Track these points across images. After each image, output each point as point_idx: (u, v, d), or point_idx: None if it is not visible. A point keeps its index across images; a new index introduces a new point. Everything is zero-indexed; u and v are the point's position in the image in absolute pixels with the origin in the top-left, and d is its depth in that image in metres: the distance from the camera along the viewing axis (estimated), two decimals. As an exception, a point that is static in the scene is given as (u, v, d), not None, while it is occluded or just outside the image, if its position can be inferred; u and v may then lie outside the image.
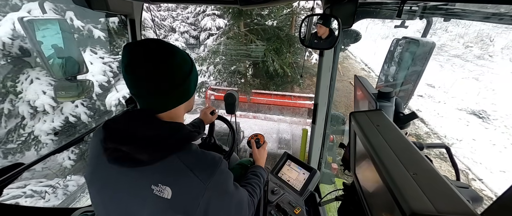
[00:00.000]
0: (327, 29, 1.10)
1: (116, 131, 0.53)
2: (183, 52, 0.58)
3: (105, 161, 0.52)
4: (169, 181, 0.52)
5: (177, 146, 0.54)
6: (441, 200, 0.33)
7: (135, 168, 0.51)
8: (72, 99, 1.37)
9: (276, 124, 5.11)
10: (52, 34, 1.18)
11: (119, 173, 0.54)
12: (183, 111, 0.64)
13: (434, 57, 9.46)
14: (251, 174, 0.92)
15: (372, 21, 14.11)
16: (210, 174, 0.55)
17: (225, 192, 0.59)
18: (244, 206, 0.68)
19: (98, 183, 0.57)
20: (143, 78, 0.52)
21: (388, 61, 1.27)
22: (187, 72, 0.57)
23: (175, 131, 0.55)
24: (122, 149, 0.50)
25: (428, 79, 8.40)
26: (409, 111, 0.73)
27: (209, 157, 0.58)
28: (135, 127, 0.53)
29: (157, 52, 0.52)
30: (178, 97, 0.59)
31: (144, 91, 0.54)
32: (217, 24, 9.92)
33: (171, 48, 0.54)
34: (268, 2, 0.98)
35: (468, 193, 0.48)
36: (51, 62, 1.18)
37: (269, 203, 1.17)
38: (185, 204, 0.52)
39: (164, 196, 0.51)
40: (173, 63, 0.54)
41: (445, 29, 12.15)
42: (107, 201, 0.56)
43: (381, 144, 0.47)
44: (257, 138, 1.17)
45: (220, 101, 5.79)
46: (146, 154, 0.50)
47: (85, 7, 1.09)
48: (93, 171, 0.58)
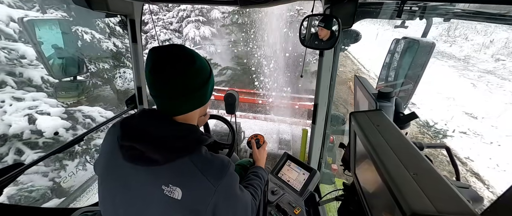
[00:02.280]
0: (328, 31, 1.10)
1: (132, 129, 0.55)
2: (203, 59, 0.60)
3: (120, 158, 0.54)
4: (180, 182, 0.53)
5: (189, 148, 0.55)
6: (441, 200, 0.33)
7: (148, 168, 0.53)
8: (72, 99, 1.37)
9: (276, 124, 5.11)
10: (52, 34, 1.18)
11: (131, 170, 0.55)
12: (198, 115, 0.66)
13: (462, 73, 8.72)
14: (252, 175, 0.92)
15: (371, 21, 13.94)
16: (220, 177, 0.56)
17: (233, 195, 0.61)
18: (248, 208, 0.69)
19: (110, 179, 0.59)
20: (166, 82, 0.54)
21: (388, 61, 1.27)
22: (206, 78, 0.60)
23: (189, 133, 0.57)
24: (137, 147, 0.52)
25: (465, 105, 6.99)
26: (409, 110, 0.73)
27: (218, 160, 0.59)
28: (151, 126, 0.55)
29: (180, 57, 0.54)
30: (196, 102, 0.61)
31: (165, 94, 0.56)
32: (202, 33, 8.71)
33: (193, 54, 0.57)
34: (268, 2, 0.98)
35: (468, 193, 0.48)
36: (51, 62, 1.18)
37: (269, 203, 1.17)
38: (195, 205, 0.53)
39: (174, 196, 0.52)
40: (194, 69, 0.56)
41: (465, 37, 11.19)
42: (116, 198, 0.57)
43: (381, 144, 0.47)
44: (257, 138, 1.17)
45: (220, 101, 5.80)
46: (159, 154, 0.52)
47: (85, 7, 1.09)
48: (106, 166, 0.60)
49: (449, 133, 5.98)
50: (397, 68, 1.23)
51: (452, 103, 7.36)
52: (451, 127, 6.21)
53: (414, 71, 1.10)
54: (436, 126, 6.20)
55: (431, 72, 8.30)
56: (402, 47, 1.19)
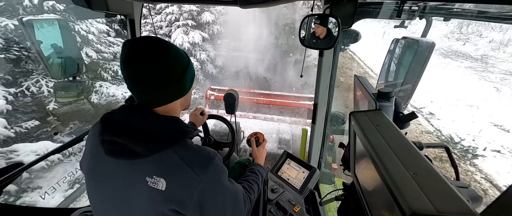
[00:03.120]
0: (324, 29, 1.10)
1: (113, 124, 0.55)
2: (179, 50, 0.60)
3: (102, 153, 0.54)
4: (164, 173, 0.53)
5: (173, 139, 0.55)
6: (441, 200, 0.33)
7: (131, 160, 0.53)
8: (72, 99, 1.37)
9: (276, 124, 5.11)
10: (52, 34, 1.18)
11: (115, 165, 0.55)
12: (179, 107, 0.66)
13: (482, 75, 7.55)
14: (249, 172, 0.92)
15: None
16: (205, 167, 0.56)
17: (219, 186, 0.60)
18: (239, 200, 0.68)
19: (95, 175, 0.59)
20: (140, 73, 0.53)
21: (388, 61, 1.27)
22: (183, 68, 0.59)
23: (170, 125, 0.57)
24: (118, 141, 0.52)
25: (492, 115, 5.84)
26: (408, 111, 0.73)
27: (204, 151, 0.59)
28: (131, 119, 0.55)
29: (154, 48, 0.54)
30: (174, 93, 0.60)
31: (141, 86, 0.55)
32: (191, 39, 8.06)
33: (167, 45, 0.56)
34: (268, 2, 0.98)
35: (468, 193, 0.48)
36: (50, 62, 1.18)
37: (269, 201, 1.17)
38: (179, 196, 0.53)
39: (158, 187, 0.52)
40: (169, 59, 0.55)
41: (479, 34, 10.03)
42: (103, 193, 0.57)
43: (381, 143, 0.47)
44: (256, 136, 1.17)
45: (220, 101, 5.79)
46: (142, 147, 0.52)
47: (85, 7, 1.09)
48: (90, 162, 0.60)
49: (480, 151, 4.84)
50: (397, 68, 1.23)
51: (476, 113, 6.10)
52: (480, 144, 5.03)
53: (414, 71, 1.10)
54: (462, 143, 5.12)
55: (447, 74, 7.93)
56: (402, 47, 1.19)
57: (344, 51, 6.63)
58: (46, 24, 1.17)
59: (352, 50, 11.78)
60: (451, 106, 6.47)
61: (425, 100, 6.85)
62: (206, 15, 8.40)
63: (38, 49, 1.11)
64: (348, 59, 11.32)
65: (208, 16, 8.39)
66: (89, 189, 0.61)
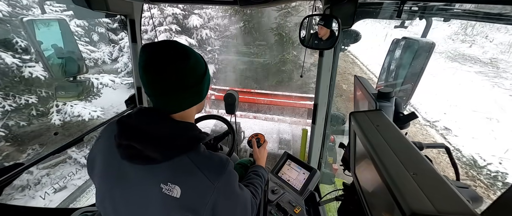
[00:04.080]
0: (328, 30, 1.10)
1: (129, 128, 0.54)
2: (198, 55, 0.59)
3: (117, 157, 0.54)
4: (179, 180, 0.53)
5: (188, 145, 0.55)
6: (441, 200, 0.33)
7: (146, 166, 0.53)
8: (72, 100, 1.37)
9: (277, 124, 5.11)
10: (52, 34, 1.18)
11: (129, 169, 0.54)
12: (195, 112, 0.65)
13: (495, 82, 6.86)
14: (252, 174, 0.92)
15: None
16: (219, 174, 0.56)
17: (232, 192, 0.60)
18: (248, 207, 0.68)
19: (108, 178, 0.58)
20: (159, 79, 0.53)
21: (388, 61, 1.27)
22: (201, 74, 0.58)
23: (187, 130, 0.57)
24: (135, 145, 0.51)
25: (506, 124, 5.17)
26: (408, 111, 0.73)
27: (217, 158, 0.59)
28: (148, 124, 0.54)
29: (173, 53, 0.53)
30: (192, 99, 0.60)
31: (159, 91, 0.54)
32: None
33: (187, 50, 0.56)
34: (268, 2, 0.98)
35: (468, 193, 0.48)
36: (51, 62, 1.18)
37: (269, 202, 1.17)
38: (194, 203, 0.53)
39: (173, 194, 0.52)
40: (188, 65, 0.54)
41: (485, 35, 9.35)
42: (116, 196, 0.57)
43: (381, 144, 0.47)
44: (257, 137, 1.17)
45: (220, 101, 5.79)
46: (158, 153, 0.52)
47: (85, 7, 1.09)
48: (103, 165, 0.59)
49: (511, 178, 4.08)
50: (397, 68, 1.23)
51: (497, 127, 5.32)
52: (509, 167, 4.24)
53: (414, 72, 1.10)
54: (489, 167, 4.30)
55: (457, 81, 7.32)
56: (402, 47, 1.19)
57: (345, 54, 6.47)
58: (46, 24, 1.17)
59: (353, 54, 11.39)
60: (467, 119, 5.70)
61: (437, 112, 6.17)
62: (193, 19, 7.64)
63: (38, 49, 1.11)
64: (350, 63, 10.81)
65: (196, 20, 7.64)
66: (100, 191, 0.60)
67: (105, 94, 6.80)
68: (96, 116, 5.22)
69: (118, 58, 8.05)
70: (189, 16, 7.79)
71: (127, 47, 7.79)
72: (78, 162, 5.17)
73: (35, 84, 4.74)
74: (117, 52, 8.08)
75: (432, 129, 5.63)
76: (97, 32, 8.71)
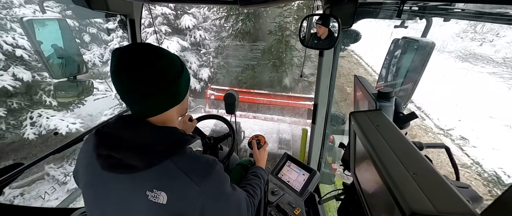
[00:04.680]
0: (326, 29, 1.10)
1: (108, 137, 0.53)
2: (172, 55, 0.58)
3: (98, 168, 0.52)
4: (164, 186, 0.51)
5: (170, 150, 0.53)
6: (441, 200, 0.33)
7: (129, 174, 0.51)
8: (71, 100, 1.37)
9: (276, 124, 5.11)
10: (52, 34, 1.18)
11: (112, 179, 0.53)
12: (176, 114, 0.63)
13: (511, 83, 6.34)
14: (251, 175, 0.92)
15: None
16: (205, 177, 0.55)
17: (221, 194, 0.59)
18: (242, 207, 0.67)
19: (93, 190, 0.57)
20: (130, 82, 0.51)
21: (388, 61, 1.27)
22: (176, 75, 0.56)
23: (168, 136, 0.55)
24: (115, 155, 0.50)
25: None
26: (409, 110, 0.73)
27: (203, 160, 0.57)
28: (127, 132, 0.53)
29: (143, 55, 0.52)
30: (168, 100, 0.58)
31: (131, 95, 0.53)
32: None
33: (158, 51, 0.54)
34: (268, 2, 0.98)
35: (468, 193, 0.48)
36: (51, 62, 1.18)
37: (269, 203, 1.17)
38: (181, 208, 0.52)
39: (159, 201, 0.50)
40: (160, 66, 0.53)
41: (496, 33, 8.74)
42: (103, 207, 0.56)
43: (381, 144, 0.46)
44: (257, 138, 1.17)
45: (220, 101, 5.79)
46: (140, 160, 0.50)
47: (85, 7, 1.09)
48: (87, 177, 0.58)
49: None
50: (397, 68, 1.23)
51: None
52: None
53: (414, 71, 1.10)
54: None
55: (469, 82, 6.79)
56: (402, 47, 1.19)
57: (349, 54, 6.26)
58: (47, 24, 1.17)
59: (357, 54, 11.16)
60: (484, 126, 5.14)
61: (451, 118, 5.66)
62: (186, 19, 7.14)
63: (38, 49, 1.11)
64: (354, 64, 10.45)
65: (189, 21, 7.14)
66: (87, 202, 0.59)
67: (89, 103, 6.46)
68: (74, 129, 4.69)
69: (109, 60, 7.73)
70: (182, 16, 7.30)
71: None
72: (56, 180, 4.69)
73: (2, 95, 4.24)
74: (108, 54, 7.72)
75: (446, 138, 5.15)
76: (88, 33, 8.44)
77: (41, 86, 4.86)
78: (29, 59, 4.65)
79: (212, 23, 8.23)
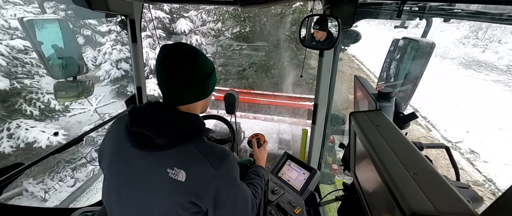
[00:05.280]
0: (324, 33, 1.10)
1: (141, 117, 0.60)
2: (207, 58, 0.67)
3: (127, 144, 0.59)
4: (184, 165, 0.57)
5: (193, 135, 0.60)
6: (441, 200, 0.33)
7: (153, 153, 0.57)
8: (72, 100, 1.37)
9: (276, 124, 5.11)
10: (52, 34, 1.18)
11: (138, 155, 0.59)
12: (199, 108, 0.71)
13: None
14: (252, 174, 0.92)
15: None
16: (221, 161, 0.60)
17: (233, 181, 0.64)
18: (249, 202, 0.69)
19: (114, 167, 0.63)
20: (173, 70, 0.60)
21: (388, 61, 1.27)
22: (208, 73, 0.66)
23: (193, 121, 0.63)
24: (146, 133, 0.56)
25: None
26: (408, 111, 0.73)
27: (219, 148, 0.64)
28: (157, 114, 0.60)
29: (187, 51, 0.61)
30: (198, 93, 0.66)
31: (171, 82, 0.61)
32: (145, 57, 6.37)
33: (198, 51, 0.64)
34: (268, 2, 0.98)
35: (468, 193, 0.48)
36: (51, 62, 1.18)
37: (269, 202, 1.17)
38: (197, 187, 0.57)
39: (178, 178, 0.56)
40: (198, 62, 0.63)
41: (498, 39, 8.62)
42: (121, 179, 0.61)
43: (381, 144, 0.47)
44: (257, 137, 1.17)
45: (220, 101, 5.79)
46: (166, 139, 0.57)
47: (85, 7, 1.09)
48: (111, 155, 0.64)
49: None
50: (397, 68, 1.23)
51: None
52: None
53: (414, 72, 1.10)
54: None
55: (474, 91, 6.61)
56: (402, 48, 1.19)
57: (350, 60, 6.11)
58: (47, 24, 1.17)
59: (359, 59, 10.97)
60: (494, 139, 4.86)
61: (458, 130, 5.40)
62: (182, 23, 6.93)
63: (38, 50, 1.11)
64: (355, 70, 10.26)
65: (185, 25, 6.92)
66: (107, 176, 0.65)
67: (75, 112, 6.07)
68: (55, 141, 4.24)
69: (101, 64, 7.55)
70: (178, 19, 7.14)
71: (108, 53, 7.21)
72: (35, 196, 4.31)
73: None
74: (101, 57, 7.50)
75: (455, 152, 4.81)
76: (82, 35, 8.25)
77: (22, 94, 4.52)
78: (7, 66, 4.33)
79: (209, 27, 8.08)
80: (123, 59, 7.30)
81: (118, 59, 7.25)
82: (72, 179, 4.86)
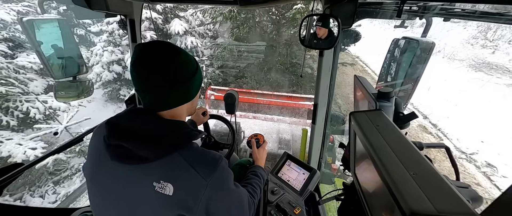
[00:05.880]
0: (326, 30, 1.10)
1: (119, 128, 0.54)
2: (189, 55, 0.60)
3: (107, 158, 0.53)
4: (171, 178, 0.52)
5: (179, 143, 0.55)
6: (441, 200, 0.33)
7: (137, 165, 0.52)
8: (71, 100, 1.37)
9: (276, 124, 5.10)
10: (52, 34, 1.18)
11: (120, 169, 0.54)
12: (185, 112, 0.65)
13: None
14: (251, 174, 0.92)
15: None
16: (211, 171, 0.56)
17: (226, 189, 0.60)
18: (244, 205, 0.68)
19: (99, 180, 0.58)
20: (149, 74, 0.54)
21: (388, 61, 1.27)
22: (191, 73, 0.59)
23: (177, 129, 0.57)
24: (124, 145, 0.51)
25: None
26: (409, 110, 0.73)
27: (209, 155, 0.59)
28: (137, 123, 0.54)
29: (163, 50, 0.54)
30: (180, 96, 0.60)
31: (148, 86, 0.55)
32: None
33: (177, 49, 0.57)
34: (268, 2, 0.98)
35: (468, 193, 0.48)
36: (51, 62, 1.18)
37: (269, 203, 1.17)
38: (187, 200, 0.53)
39: (165, 192, 0.51)
40: (178, 62, 0.56)
41: (508, 40, 8.28)
42: (106, 197, 0.56)
43: (381, 144, 0.46)
44: (257, 137, 1.17)
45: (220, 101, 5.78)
46: (148, 151, 0.51)
47: (85, 7, 1.09)
48: (94, 167, 0.59)
49: None
50: (397, 68, 1.23)
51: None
52: None
53: (414, 71, 1.10)
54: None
55: (486, 96, 6.13)
56: (402, 47, 1.19)
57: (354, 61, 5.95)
58: (47, 24, 1.17)
59: (364, 61, 10.61)
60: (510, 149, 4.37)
61: (473, 139, 4.84)
62: (176, 23, 6.44)
63: (38, 50, 1.11)
64: (359, 72, 9.72)
65: (179, 26, 6.43)
66: (90, 192, 0.60)
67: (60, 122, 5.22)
68: (33, 155, 3.72)
69: (93, 66, 7.14)
70: (172, 19, 6.71)
71: (99, 55, 6.85)
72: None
73: None
74: (94, 58, 7.15)
75: (470, 164, 4.38)
76: (76, 34, 7.87)
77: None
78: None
79: (206, 28, 7.76)
80: (115, 61, 6.84)
81: (110, 61, 6.80)
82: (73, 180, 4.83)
